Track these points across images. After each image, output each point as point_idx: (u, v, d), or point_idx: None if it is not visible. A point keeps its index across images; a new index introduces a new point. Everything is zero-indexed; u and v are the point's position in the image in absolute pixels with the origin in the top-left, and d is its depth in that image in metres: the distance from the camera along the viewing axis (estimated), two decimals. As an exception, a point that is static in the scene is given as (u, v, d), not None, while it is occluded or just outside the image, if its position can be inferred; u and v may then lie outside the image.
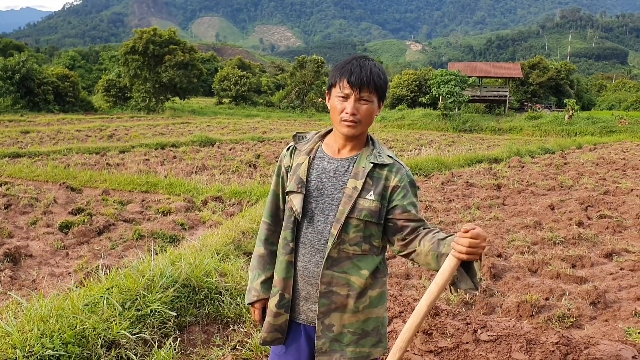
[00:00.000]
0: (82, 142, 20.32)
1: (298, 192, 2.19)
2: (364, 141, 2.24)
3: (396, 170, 2.16)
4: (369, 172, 2.13)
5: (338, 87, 2.14)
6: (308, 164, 2.23)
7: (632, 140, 29.88)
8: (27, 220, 8.35)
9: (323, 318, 2.18)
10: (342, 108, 2.13)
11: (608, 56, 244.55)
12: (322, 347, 2.19)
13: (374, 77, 2.11)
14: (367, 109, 2.13)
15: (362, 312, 2.18)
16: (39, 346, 3.08)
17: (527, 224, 8.75)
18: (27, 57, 44.71)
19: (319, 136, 2.33)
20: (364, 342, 2.20)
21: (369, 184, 2.13)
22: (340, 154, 2.23)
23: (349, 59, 2.18)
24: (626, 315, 5.02)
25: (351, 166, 2.18)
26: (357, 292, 2.16)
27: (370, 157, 2.17)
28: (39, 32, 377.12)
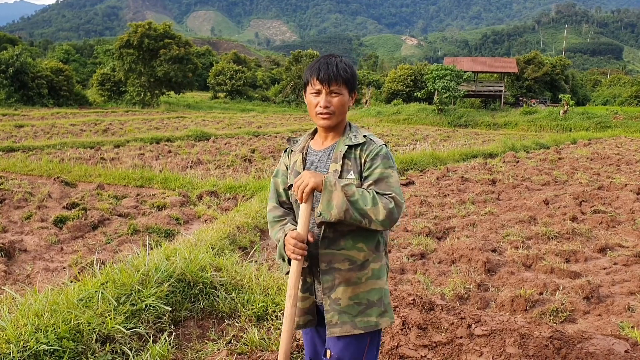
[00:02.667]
0: (77, 137, 20.25)
1: None
2: (343, 130, 2.46)
3: (367, 147, 2.35)
4: (345, 153, 2.34)
5: (310, 84, 2.37)
6: (302, 158, 2.47)
7: (627, 135, 29.96)
8: (21, 214, 8.33)
9: (329, 293, 2.34)
10: (316, 102, 2.36)
11: (603, 51, 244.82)
12: (331, 319, 2.34)
13: (340, 72, 2.33)
14: (339, 101, 2.35)
15: (365, 284, 2.35)
16: (34, 341, 3.08)
17: (522, 218, 8.78)
18: (21, 50, 44.48)
19: (309, 135, 2.57)
20: (370, 312, 2.35)
21: (347, 165, 2.33)
22: (323, 145, 2.46)
23: (318, 58, 2.41)
24: (619, 309, 5.05)
25: (332, 153, 2.40)
26: (358, 265, 2.33)
27: (346, 140, 2.38)
28: (33, 25, 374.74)
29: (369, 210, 2.17)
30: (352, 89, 2.39)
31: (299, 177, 2.21)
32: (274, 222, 2.51)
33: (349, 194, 2.16)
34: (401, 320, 3.86)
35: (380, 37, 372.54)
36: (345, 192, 2.16)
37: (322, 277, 2.33)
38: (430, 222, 8.51)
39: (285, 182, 2.53)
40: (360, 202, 2.17)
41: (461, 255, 6.63)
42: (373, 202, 2.18)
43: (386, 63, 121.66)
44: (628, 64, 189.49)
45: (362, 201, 2.17)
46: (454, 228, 8.23)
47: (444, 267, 6.43)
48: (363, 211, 2.17)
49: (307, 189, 2.17)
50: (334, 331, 2.33)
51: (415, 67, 58.12)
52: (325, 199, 2.16)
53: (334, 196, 2.16)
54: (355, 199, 2.17)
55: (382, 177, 2.27)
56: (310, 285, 2.43)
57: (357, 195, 2.18)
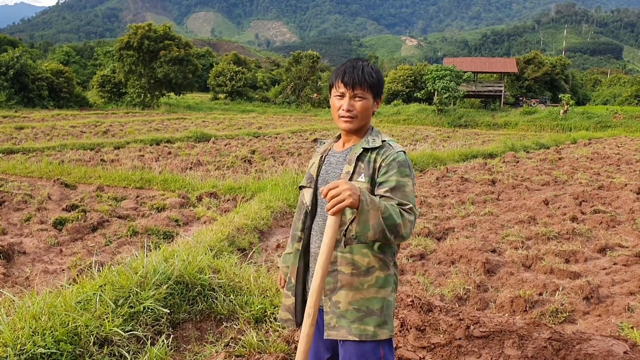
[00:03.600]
0: (77, 138, 20.25)
1: (308, 187, 2.48)
2: (364, 133, 2.43)
3: (384, 151, 2.30)
4: (359, 155, 2.31)
5: (335, 87, 2.37)
6: (319, 162, 2.49)
7: (627, 135, 29.93)
8: (20, 216, 8.32)
9: (330, 295, 2.32)
10: (339, 105, 2.35)
11: (603, 51, 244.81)
12: (330, 322, 2.32)
13: (366, 76, 2.31)
14: (362, 105, 2.32)
15: (367, 291, 2.30)
16: (31, 344, 3.07)
17: (522, 219, 8.76)
18: (21, 52, 44.49)
19: (335, 138, 2.57)
20: (368, 320, 2.28)
21: (360, 167, 2.30)
22: (344, 147, 2.45)
23: (345, 62, 2.40)
24: (619, 310, 5.04)
25: (348, 155, 2.39)
26: (362, 270, 2.29)
27: (364, 143, 2.35)
28: (33, 27, 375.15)
29: (398, 225, 2.10)
30: (378, 94, 2.37)
31: (333, 184, 2.03)
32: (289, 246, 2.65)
33: (382, 211, 2.07)
34: (400, 322, 3.85)
35: (380, 37, 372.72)
36: (379, 210, 2.06)
37: (326, 278, 2.29)
38: (429, 222, 8.50)
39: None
40: (392, 217, 2.08)
41: (461, 255, 6.62)
42: (401, 215, 2.12)
43: (386, 64, 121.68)
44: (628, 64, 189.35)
45: (394, 216, 2.09)
46: (454, 228, 8.22)
47: (444, 267, 6.42)
48: (393, 227, 2.09)
49: (343, 205, 2.01)
50: (331, 334, 2.31)
51: (415, 68, 58.15)
52: (362, 220, 2.04)
53: (370, 216, 2.04)
54: (388, 214, 2.07)
55: (399, 185, 2.20)
56: (293, 285, 2.50)
57: (388, 210, 2.09)
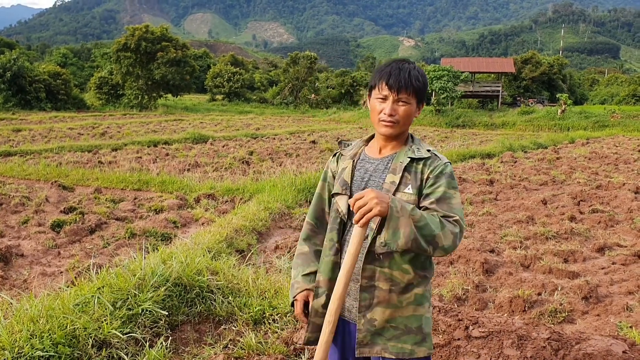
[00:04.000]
0: (74, 140, 20.22)
1: (343, 194, 2.27)
2: (404, 140, 2.30)
3: (430, 163, 2.19)
4: (406, 166, 2.18)
5: (377, 89, 2.21)
6: (352, 167, 2.31)
7: (625, 134, 29.97)
8: (18, 219, 8.31)
9: (365, 312, 2.18)
10: (380, 109, 2.20)
11: (600, 51, 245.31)
12: (363, 339, 2.19)
13: (412, 80, 2.17)
14: (405, 110, 2.19)
15: (405, 309, 2.19)
16: (29, 347, 3.06)
17: (520, 219, 8.77)
18: (18, 54, 44.34)
19: (363, 141, 2.41)
20: (406, 339, 2.19)
21: (407, 179, 2.17)
22: (381, 154, 2.29)
23: (389, 61, 2.25)
24: (618, 309, 5.04)
25: (390, 163, 2.24)
26: (401, 287, 2.17)
27: (409, 152, 2.22)
28: (30, 29, 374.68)
29: (437, 235, 2.01)
30: (421, 99, 2.23)
31: (360, 194, 1.97)
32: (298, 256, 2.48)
33: (416, 219, 1.98)
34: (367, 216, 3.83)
35: (378, 38, 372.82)
36: (412, 218, 1.98)
37: (361, 294, 2.17)
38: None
39: (330, 189, 2.41)
40: (428, 227, 2.00)
41: (459, 256, 6.62)
42: (441, 226, 2.02)
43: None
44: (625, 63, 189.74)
45: (431, 226, 2.00)
46: (452, 229, 8.20)
47: (442, 268, 6.42)
48: (431, 237, 2.00)
49: (371, 214, 1.95)
50: (363, 351, 2.19)
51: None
52: (392, 228, 1.97)
53: (401, 224, 1.97)
54: (423, 224, 1.99)
55: (445, 196, 2.11)
56: None
57: (425, 219, 2.00)
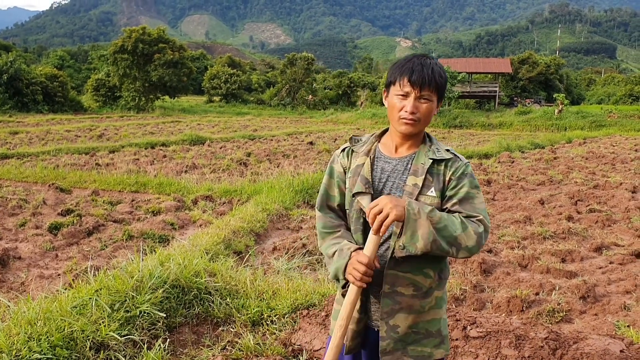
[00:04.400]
0: (72, 143, 20.19)
1: (366, 193, 2.15)
2: (421, 139, 2.23)
3: (452, 164, 2.14)
4: (428, 168, 2.12)
5: (398, 85, 2.13)
6: (370, 164, 2.21)
7: (621, 134, 30.04)
8: (15, 221, 8.29)
9: (387, 318, 2.13)
10: (401, 106, 2.12)
11: (597, 50, 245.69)
12: (386, 347, 2.14)
13: (436, 76, 2.11)
14: (427, 108, 2.12)
15: (427, 313, 2.16)
16: (26, 350, 3.06)
17: (517, 219, 8.78)
18: (15, 57, 44.28)
19: (375, 137, 2.31)
20: (426, 342, 2.17)
21: (429, 181, 2.11)
22: (398, 153, 2.21)
23: (409, 57, 2.17)
24: (615, 308, 5.05)
25: (409, 164, 2.17)
26: (423, 292, 2.14)
27: (429, 153, 2.15)
28: (26, 31, 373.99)
29: (459, 236, 1.99)
30: (442, 96, 2.17)
31: (374, 202, 1.96)
32: (326, 233, 2.26)
33: (435, 221, 1.97)
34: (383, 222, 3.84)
35: (375, 39, 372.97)
36: (430, 220, 1.96)
37: (383, 300, 2.12)
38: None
39: (340, 185, 2.29)
40: (449, 228, 1.98)
41: (457, 256, 6.62)
42: (462, 226, 2.00)
43: (381, 65, 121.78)
44: (622, 63, 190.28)
45: (451, 227, 1.99)
46: (450, 229, 8.21)
47: (440, 268, 6.41)
48: (452, 238, 1.98)
49: (388, 221, 1.93)
50: (386, 359, 2.15)
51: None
52: (410, 231, 1.96)
53: (418, 226, 1.96)
54: (443, 225, 1.98)
55: (468, 197, 2.09)
56: (364, 304, 2.21)
57: (444, 221, 1.99)
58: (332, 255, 2.18)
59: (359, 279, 2.03)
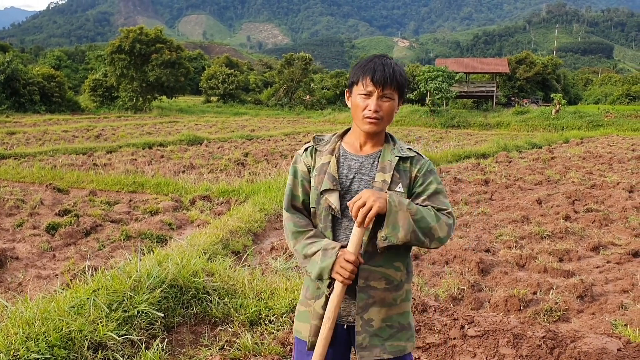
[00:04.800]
0: (69, 143, 20.17)
1: (334, 190, 2.20)
2: (384, 138, 2.31)
3: (416, 162, 2.23)
4: (395, 165, 2.20)
5: (361, 84, 2.18)
6: (336, 162, 2.25)
7: (618, 134, 30.10)
8: (13, 222, 8.28)
9: (362, 313, 2.19)
10: (364, 105, 2.18)
11: (594, 50, 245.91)
12: (362, 342, 2.19)
13: (397, 75, 2.17)
14: (389, 106, 2.19)
15: (399, 306, 2.24)
16: (24, 350, 3.06)
17: (515, 218, 8.79)
18: (12, 57, 44.23)
19: (338, 136, 2.36)
20: (400, 336, 2.24)
21: (396, 177, 2.19)
22: (363, 151, 2.27)
23: (370, 57, 2.23)
24: (612, 308, 5.06)
25: (376, 161, 2.23)
26: (395, 285, 2.21)
27: (394, 151, 2.24)
28: (23, 32, 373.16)
29: (433, 227, 2.09)
30: (402, 95, 2.25)
31: (357, 197, 2.04)
32: (298, 232, 2.26)
33: (413, 212, 2.06)
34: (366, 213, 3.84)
35: (372, 39, 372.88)
36: (409, 211, 2.05)
37: (358, 294, 2.18)
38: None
39: (304, 185, 2.30)
40: (425, 219, 2.08)
41: (454, 256, 6.64)
42: (436, 218, 2.11)
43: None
44: (619, 63, 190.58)
45: (427, 219, 2.08)
46: (448, 229, 8.22)
47: (438, 268, 6.43)
48: (427, 229, 2.08)
49: (372, 213, 2.01)
50: (364, 355, 2.19)
51: (407, 69, 58.20)
52: (391, 221, 2.04)
53: (399, 217, 2.04)
54: (420, 216, 2.07)
55: (436, 192, 2.19)
56: None
57: (421, 212, 2.08)
58: (312, 254, 2.19)
59: (347, 277, 2.08)
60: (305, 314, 2.30)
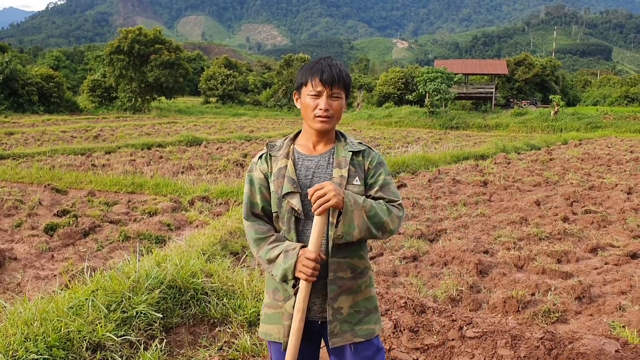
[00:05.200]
0: (68, 143, 20.16)
1: (295, 192, 2.26)
2: (334, 136, 2.39)
3: (367, 154, 2.35)
4: (349, 160, 2.29)
5: (310, 85, 2.27)
6: (293, 164, 2.31)
7: (617, 135, 30.14)
8: (11, 222, 8.27)
9: (332, 303, 2.27)
10: (315, 105, 2.26)
11: (592, 52, 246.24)
12: (334, 329, 2.28)
13: (343, 75, 2.27)
14: (338, 105, 2.29)
15: (364, 292, 2.34)
16: (23, 350, 3.06)
17: (513, 220, 8.80)
18: (10, 57, 44.22)
19: (290, 140, 2.42)
20: (368, 320, 2.34)
21: (352, 171, 2.29)
22: (317, 151, 2.36)
23: (316, 60, 2.33)
24: (610, 309, 5.07)
25: (331, 158, 2.33)
26: (359, 272, 2.32)
27: (347, 147, 2.33)
28: (22, 32, 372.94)
29: (385, 221, 2.21)
30: (349, 94, 2.35)
31: (319, 185, 2.12)
32: (260, 239, 2.31)
33: (367, 209, 2.17)
34: (393, 324, 3.86)
35: (371, 40, 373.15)
36: (363, 209, 2.17)
37: (329, 286, 2.26)
38: (422, 224, 8.52)
39: (262, 192, 2.34)
40: (378, 215, 2.19)
41: (453, 257, 6.64)
42: (388, 212, 2.23)
43: (377, 66, 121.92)
44: (617, 65, 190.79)
45: (380, 214, 2.20)
46: (446, 230, 8.25)
47: (436, 269, 6.43)
48: (380, 224, 2.20)
49: (328, 205, 2.10)
50: (335, 341, 2.27)
51: (406, 70, 58.28)
52: (347, 221, 2.15)
53: (355, 216, 2.15)
54: (374, 212, 2.19)
55: (386, 183, 2.31)
56: None
57: (374, 209, 2.19)
58: (275, 258, 2.25)
59: (310, 274, 2.16)
60: (275, 315, 2.36)
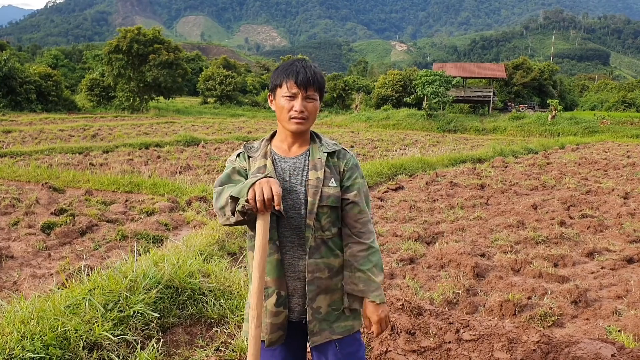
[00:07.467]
0: (65, 142, 20.13)
1: None
2: (309, 137, 2.41)
3: (343, 156, 2.37)
4: (325, 161, 2.31)
5: (285, 87, 2.27)
6: (272, 164, 2.31)
7: (614, 140, 30.23)
8: (8, 221, 8.26)
9: (311, 303, 2.30)
10: (290, 106, 2.26)
11: (590, 57, 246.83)
12: (313, 329, 2.31)
13: (317, 77, 2.29)
14: (313, 106, 2.30)
15: (340, 289, 2.36)
16: (19, 349, 3.05)
17: (510, 223, 8.81)
18: (8, 55, 44.17)
19: (267, 140, 2.42)
20: (346, 317, 2.37)
21: (328, 173, 2.30)
22: (292, 152, 2.36)
23: (290, 61, 2.33)
24: (607, 313, 5.08)
25: (307, 160, 2.33)
26: (335, 271, 2.34)
27: (322, 148, 2.35)
28: (21, 30, 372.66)
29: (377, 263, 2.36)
30: (323, 96, 2.37)
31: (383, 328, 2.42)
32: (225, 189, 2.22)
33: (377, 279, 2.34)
34: (390, 326, 3.86)
35: (370, 42, 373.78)
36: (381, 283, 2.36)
37: (308, 287, 2.27)
38: (419, 227, 8.53)
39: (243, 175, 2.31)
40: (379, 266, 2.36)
41: (450, 260, 6.65)
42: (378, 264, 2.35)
43: (376, 68, 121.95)
44: (615, 70, 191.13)
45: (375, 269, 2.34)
46: (443, 233, 8.25)
47: (433, 271, 6.44)
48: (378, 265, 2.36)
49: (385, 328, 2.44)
50: (315, 340, 2.30)
51: (405, 73, 58.24)
52: None
53: None
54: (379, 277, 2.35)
55: (361, 187, 2.35)
56: (284, 299, 2.30)
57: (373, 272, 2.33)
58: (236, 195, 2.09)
59: (268, 197, 2.00)
60: None
